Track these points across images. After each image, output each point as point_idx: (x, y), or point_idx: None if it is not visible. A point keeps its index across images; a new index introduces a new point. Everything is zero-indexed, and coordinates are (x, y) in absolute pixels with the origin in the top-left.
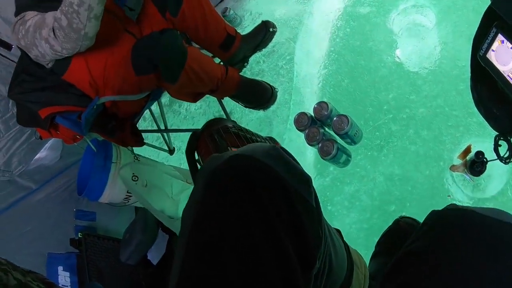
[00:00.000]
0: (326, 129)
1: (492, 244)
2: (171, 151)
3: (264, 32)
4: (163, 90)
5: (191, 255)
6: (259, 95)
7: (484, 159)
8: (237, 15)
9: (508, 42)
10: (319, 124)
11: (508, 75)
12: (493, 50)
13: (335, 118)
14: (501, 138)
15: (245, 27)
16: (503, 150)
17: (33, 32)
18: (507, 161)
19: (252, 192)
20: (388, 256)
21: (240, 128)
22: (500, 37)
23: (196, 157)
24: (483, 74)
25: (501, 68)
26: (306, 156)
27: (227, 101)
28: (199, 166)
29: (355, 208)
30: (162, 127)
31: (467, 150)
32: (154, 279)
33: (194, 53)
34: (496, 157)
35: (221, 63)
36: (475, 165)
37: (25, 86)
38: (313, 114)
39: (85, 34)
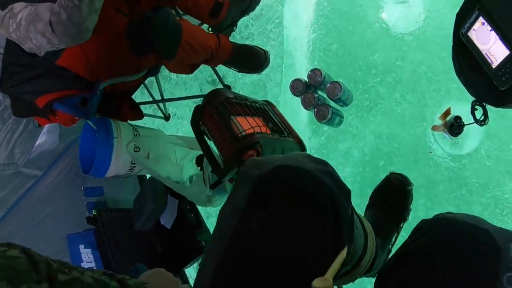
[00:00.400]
0: (320, 93)
1: (472, 246)
2: (166, 118)
3: None
4: (161, 66)
5: (230, 262)
6: (253, 60)
7: (462, 123)
8: None
9: (488, 25)
10: (313, 90)
11: (486, 53)
12: (474, 30)
13: (328, 85)
14: (477, 103)
15: None
16: (479, 114)
17: (26, 25)
18: (482, 123)
19: (303, 205)
20: (380, 208)
21: (240, 97)
22: (481, 19)
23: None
24: (464, 48)
25: (480, 46)
26: (301, 117)
27: (219, 66)
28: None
29: (349, 163)
30: (156, 97)
31: (447, 112)
32: (168, 242)
33: (188, 27)
34: (473, 120)
35: (210, 29)
36: (454, 127)
37: (17, 78)
38: (307, 80)
39: (85, 28)
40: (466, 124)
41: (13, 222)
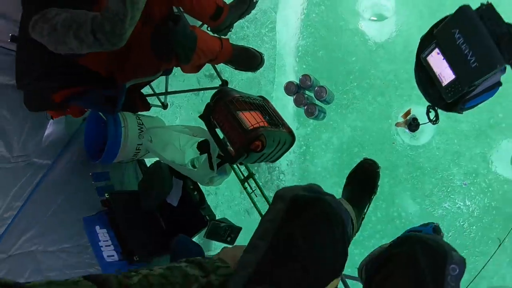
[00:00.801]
0: (308, 93)
1: (429, 249)
2: (164, 106)
3: (249, 2)
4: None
5: (274, 249)
6: (250, 61)
7: (418, 122)
8: None
9: (441, 55)
10: (303, 91)
11: (438, 74)
12: (431, 56)
13: (316, 88)
14: (431, 107)
15: None
16: (433, 115)
17: (63, 31)
18: (434, 122)
19: (324, 220)
20: (356, 186)
21: (243, 96)
22: (437, 50)
23: None
24: (423, 67)
25: (434, 69)
26: (290, 111)
27: None
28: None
29: (330, 150)
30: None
31: (408, 112)
32: (174, 218)
33: (200, 34)
34: (427, 120)
35: (208, 29)
36: (412, 125)
37: (34, 74)
38: (299, 83)
39: (124, 38)
40: (422, 124)
41: (31, 211)
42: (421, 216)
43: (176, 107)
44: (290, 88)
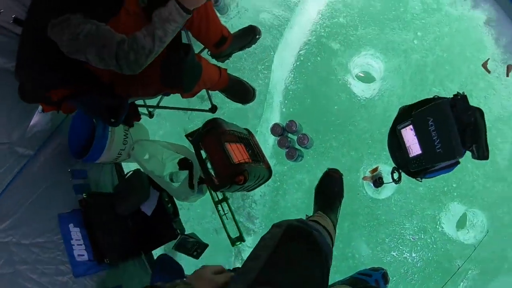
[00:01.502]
0: (290, 135)
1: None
2: (151, 116)
3: (252, 37)
4: None
5: (272, 262)
6: (242, 94)
7: (383, 181)
8: (225, 4)
9: (414, 131)
10: (287, 134)
11: (408, 146)
12: (405, 129)
13: (300, 135)
14: (396, 169)
15: (231, 18)
16: (396, 175)
17: (86, 44)
18: (397, 182)
19: (312, 246)
20: (325, 194)
21: (232, 129)
22: (411, 127)
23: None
24: (395, 134)
25: (406, 141)
26: (271, 147)
27: None
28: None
29: (301, 189)
30: None
31: (375, 169)
32: (146, 226)
33: (204, 65)
34: (391, 180)
35: (208, 53)
36: (377, 182)
37: (36, 67)
38: (284, 126)
39: (144, 66)
40: (386, 183)
41: (10, 200)
42: (372, 259)
43: (162, 119)
44: (276, 130)
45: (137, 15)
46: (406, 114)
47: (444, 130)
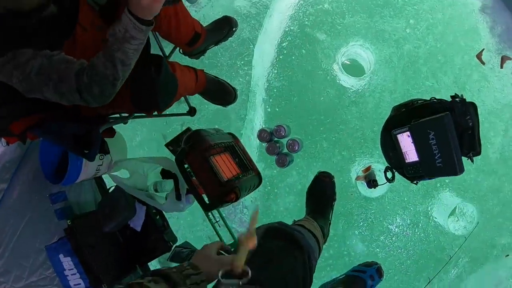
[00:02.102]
0: (280, 140)
1: None
2: (125, 122)
3: (227, 30)
4: None
5: (249, 264)
6: (223, 96)
7: (377, 184)
8: None
9: (411, 138)
10: (276, 140)
11: (404, 152)
12: (402, 135)
13: (289, 141)
14: (389, 168)
15: (203, 7)
16: (390, 174)
17: (41, 81)
18: (390, 181)
19: (293, 244)
20: (316, 198)
21: (217, 142)
22: (408, 133)
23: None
24: (389, 134)
25: (402, 147)
26: (258, 151)
27: None
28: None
29: (293, 192)
30: None
31: (368, 168)
32: (138, 241)
33: (180, 78)
34: (385, 179)
35: (180, 51)
36: (370, 183)
37: None
38: (272, 131)
39: (112, 96)
40: (380, 184)
41: None
42: (367, 256)
43: (137, 124)
44: (263, 136)
45: (94, 27)
46: (402, 118)
47: (447, 147)
